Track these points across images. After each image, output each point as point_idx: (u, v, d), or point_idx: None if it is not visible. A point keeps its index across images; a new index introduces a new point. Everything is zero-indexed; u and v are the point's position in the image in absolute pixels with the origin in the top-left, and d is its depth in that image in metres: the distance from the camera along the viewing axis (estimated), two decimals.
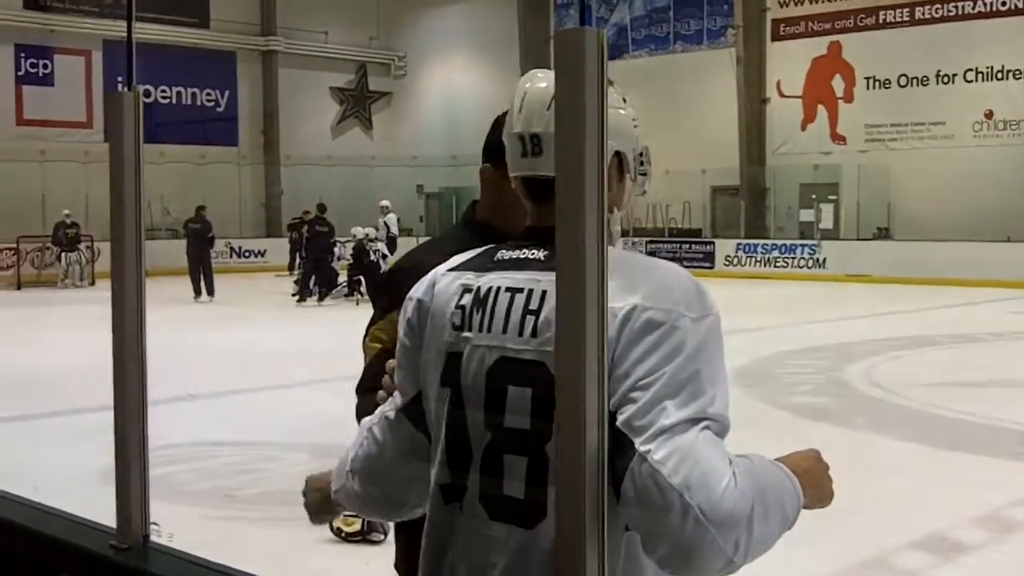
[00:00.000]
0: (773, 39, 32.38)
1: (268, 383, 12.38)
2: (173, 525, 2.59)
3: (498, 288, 1.98)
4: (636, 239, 32.93)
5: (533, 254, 1.99)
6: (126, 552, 2.45)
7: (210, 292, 23.35)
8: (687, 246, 32.04)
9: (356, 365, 2.72)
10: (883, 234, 29.26)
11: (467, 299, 2.00)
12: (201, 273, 23.54)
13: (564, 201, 1.65)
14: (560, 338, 1.67)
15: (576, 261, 1.63)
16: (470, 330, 1.98)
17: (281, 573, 6.11)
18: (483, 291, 1.99)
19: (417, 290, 2.10)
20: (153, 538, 2.48)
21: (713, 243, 31.72)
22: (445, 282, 2.05)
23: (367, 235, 23.15)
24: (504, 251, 2.04)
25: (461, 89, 39.12)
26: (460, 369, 1.97)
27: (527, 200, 2.08)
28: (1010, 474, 8.27)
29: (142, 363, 2.49)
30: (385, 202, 27.46)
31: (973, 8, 28.50)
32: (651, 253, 32.10)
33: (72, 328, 17.08)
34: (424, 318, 2.06)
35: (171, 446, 8.53)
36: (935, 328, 17.40)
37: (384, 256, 23.34)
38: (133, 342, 2.48)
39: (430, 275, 2.10)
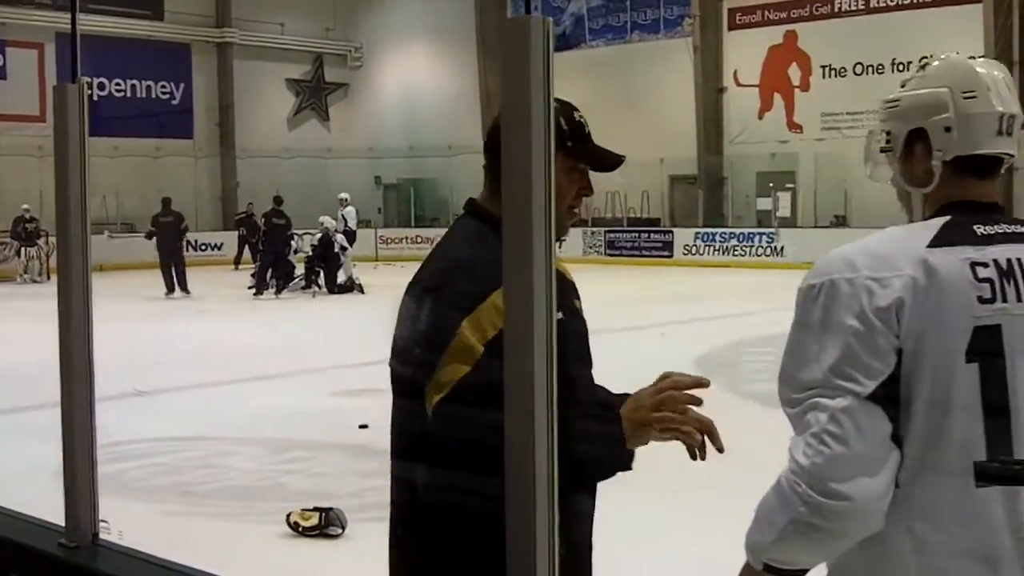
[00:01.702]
0: (729, 28, 32.50)
1: (225, 377, 12.27)
2: (127, 522, 2.56)
3: (1018, 260, 2.04)
4: (595, 229, 33.00)
5: (1017, 228, 2.11)
6: (75, 551, 2.42)
7: (183, 287, 22.78)
8: (646, 235, 32.13)
9: (315, 358, 2.68)
10: (840, 222, 29.42)
11: (988, 272, 2.02)
12: (173, 268, 22.99)
13: (512, 187, 1.64)
14: (509, 336, 1.66)
15: (525, 245, 1.62)
16: (1005, 301, 2.01)
17: (235, 568, 6.06)
18: (1003, 264, 2.03)
19: (899, 268, 2.03)
20: (103, 536, 2.45)
21: (672, 232, 31.81)
22: (940, 258, 2.03)
23: (335, 226, 23.17)
24: (978, 226, 2.08)
25: (418, 80, 39.02)
26: (1001, 340, 1.99)
27: (962, 176, 2.15)
28: None
29: (89, 359, 2.45)
30: (344, 195, 27.36)
31: None
32: (609, 243, 32.22)
33: (29, 323, 16.85)
34: (919, 296, 2.00)
35: (128, 442, 8.46)
36: None
37: (344, 249, 23.27)
38: (79, 337, 2.45)
39: (908, 254, 2.05)
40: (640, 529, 5.90)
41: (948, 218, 2.10)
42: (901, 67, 29.32)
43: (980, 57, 2.20)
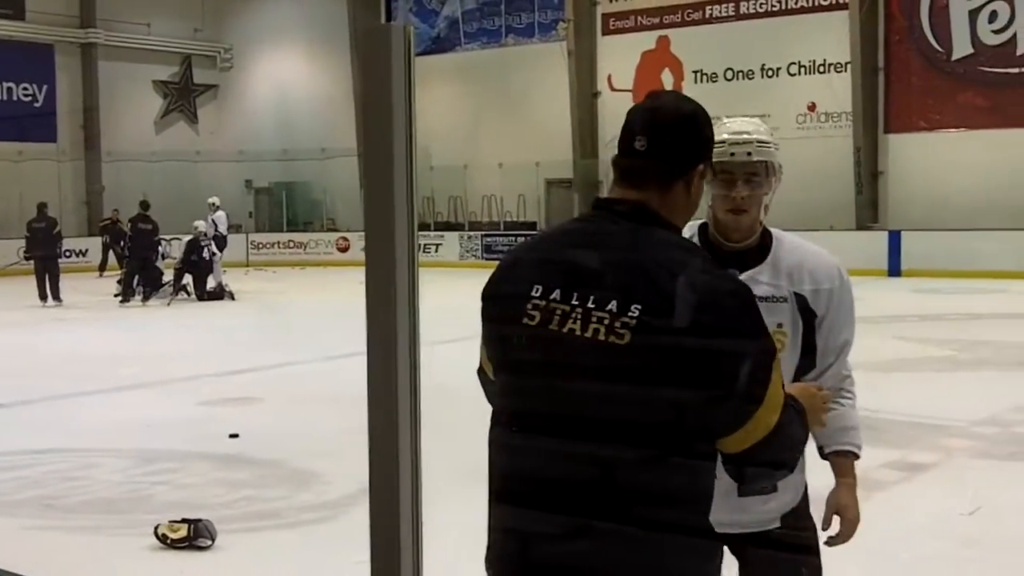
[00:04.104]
0: (603, 33, 32.81)
1: (90, 387, 12.00)
2: None
3: None
4: (471, 233, 33.05)
5: None
6: None
7: (56, 296, 22.09)
8: (522, 239, 32.19)
9: (183, 367, 2.62)
10: None
11: None
12: (46, 275, 22.20)
13: (374, 198, 1.62)
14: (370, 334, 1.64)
15: (388, 252, 1.61)
16: None
17: None
18: None
19: None
20: None
21: None
22: None
23: (205, 232, 22.82)
24: None
25: (290, 82, 38.63)
26: None
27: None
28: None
29: None
30: (214, 199, 26.93)
31: (796, 3, 29.37)
32: (486, 247, 32.29)
33: None
34: None
35: None
36: None
37: (214, 254, 22.92)
38: None
39: None
40: None
41: None
42: (770, 73, 29.98)
43: None
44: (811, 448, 3.04)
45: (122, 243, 25.19)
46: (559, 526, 2.28)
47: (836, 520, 3.16)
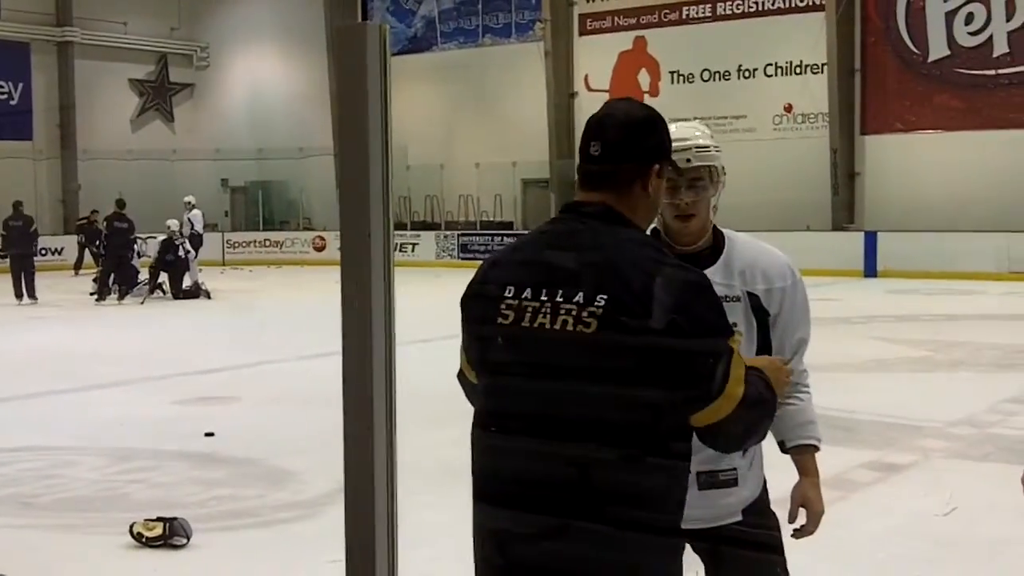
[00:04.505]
0: (580, 34, 32.85)
1: (66, 386, 11.95)
2: None
3: None
4: (448, 232, 33.04)
5: None
6: None
7: (31, 294, 21.96)
8: (499, 239, 32.21)
9: (159, 366, 2.61)
10: None
11: None
12: (22, 273, 22.06)
13: (349, 197, 1.62)
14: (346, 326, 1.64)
15: (363, 253, 1.61)
16: None
17: None
18: None
19: None
20: None
21: (524, 235, 31.95)
22: None
23: (179, 230, 22.73)
24: None
25: (267, 81, 38.54)
26: None
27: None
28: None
29: None
30: (190, 198, 26.84)
31: (772, 4, 29.46)
32: (463, 247, 32.29)
33: None
34: None
35: None
36: None
37: (188, 252, 22.86)
38: None
39: None
40: None
41: None
42: (747, 74, 30.06)
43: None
44: (771, 446, 3.05)
45: (98, 242, 25.09)
46: (534, 526, 2.32)
47: (802, 513, 3.18)
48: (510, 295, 2.37)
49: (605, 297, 2.25)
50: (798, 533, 3.17)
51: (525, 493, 2.35)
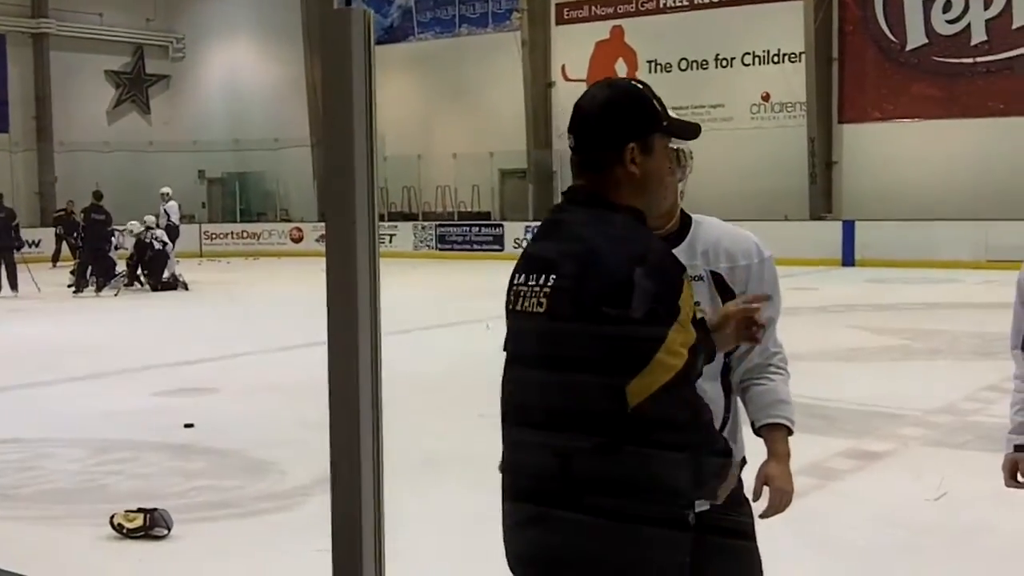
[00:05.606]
0: (557, 23, 32.83)
1: (45, 378, 11.89)
2: None
3: None
4: (425, 223, 33.01)
5: None
6: None
7: (12, 286, 21.83)
8: (476, 229, 32.24)
9: (138, 357, 2.60)
10: None
11: None
12: (4, 266, 21.97)
13: (335, 181, 1.61)
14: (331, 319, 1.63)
15: (349, 238, 1.60)
16: None
17: (57, 572, 5.88)
18: None
19: None
20: None
21: (502, 226, 31.96)
22: None
23: (146, 226, 22.57)
24: None
25: (243, 72, 38.39)
26: None
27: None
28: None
29: None
30: (166, 189, 26.71)
31: None
32: (440, 237, 32.26)
33: None
34: None
35: None
36: None
37: (165, 244, 22.76)
38: None
39: None
40: None
41: None
42: (725, 63, 30.10)
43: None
44: (745, 435, 3.05)
45: (75, 234, 24.95)
46: (524, 515, 2.41)
47: (766, 491, 3.12)
48: (517, 282, 2.50)
49: (555, 277, 2.37)
50: (764, 513, 3.09)
51: (519, 481, 2.46)
